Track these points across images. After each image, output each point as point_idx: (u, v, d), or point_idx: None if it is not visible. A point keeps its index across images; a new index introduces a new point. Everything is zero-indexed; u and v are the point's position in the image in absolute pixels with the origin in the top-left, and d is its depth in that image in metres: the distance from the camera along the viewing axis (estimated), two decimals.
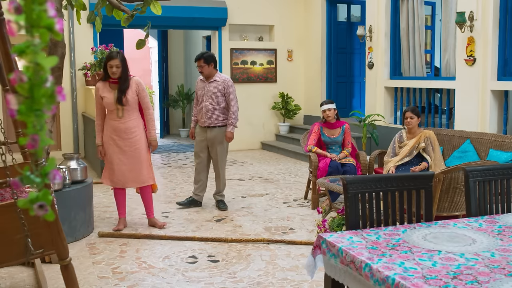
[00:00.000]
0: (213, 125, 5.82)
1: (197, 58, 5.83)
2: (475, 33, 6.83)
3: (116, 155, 5.05)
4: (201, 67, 5.77)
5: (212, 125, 5.82)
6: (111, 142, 5.05)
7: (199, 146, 5.94)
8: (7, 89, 3.22)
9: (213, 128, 5.83)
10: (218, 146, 5.88)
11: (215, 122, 5.82)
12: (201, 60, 5.76)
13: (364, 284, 2.09)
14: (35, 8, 0.91)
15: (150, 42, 14.96)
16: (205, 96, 5.81)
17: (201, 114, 5.84)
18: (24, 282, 3.93)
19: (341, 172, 5.82)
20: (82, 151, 9.81)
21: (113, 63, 4.87)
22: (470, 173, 2.94)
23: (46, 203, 0.99)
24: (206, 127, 5.84)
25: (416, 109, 5.58)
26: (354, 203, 2.64)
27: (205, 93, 5.82)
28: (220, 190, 6.07)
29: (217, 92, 5.78)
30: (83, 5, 4.46)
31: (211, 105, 5.79)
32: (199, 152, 5.96)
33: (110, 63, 4.89)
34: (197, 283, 3.85)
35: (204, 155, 5.96)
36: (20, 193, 3.27)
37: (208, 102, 5.80)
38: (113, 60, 4.88)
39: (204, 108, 5.81)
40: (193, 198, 6.09)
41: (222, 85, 5.80)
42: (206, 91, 5.82)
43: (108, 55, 4.96)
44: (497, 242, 2.31)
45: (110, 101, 4.97)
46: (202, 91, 5.86)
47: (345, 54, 10.71)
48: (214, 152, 5.92)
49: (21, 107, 0.93)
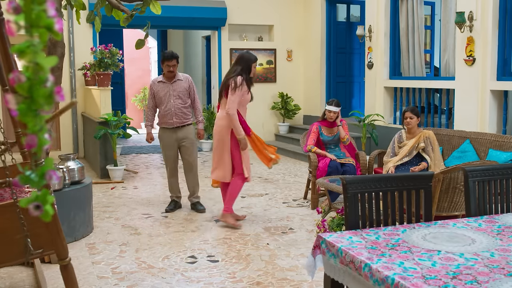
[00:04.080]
0: (183, 124, 5.81)
1: (170, 57, 5.67)
2: (474, 33, 6.83)
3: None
4: (174, 66, 5.69)
5: (183, 124, 5.81)
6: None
7: (170, 148, 5.83)
8: (6, 89, 3.22)
9: (183, 127, 5.81)
10: (191, 145, 5.86)
11: (185, 121, 5.82)
12: (175, 59, 5.69)
13: (363, 284, 2.09)
14: (35, 8, 0.91)
15: (149, 42, 14.96)
16: (172, 96, 5.74)
17: (169, 115, 5.75)
18: (23, 282, 3.93)
19: (340, 172, 5.82)
20: (82, 151, 9.81)
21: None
22: (469, 173, 2.94)
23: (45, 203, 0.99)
24: (176, 127, 5.79)
25: (416, 109, 5.58)
26: (354, 203, 2.64)
27: (171, 94, 5.75)
28: (195, 191, 5.97)
29: (183, 90, 5.78)
30: (83, 5, 4.46)
31: (180, 104, 5.77)
32: (172, 155, 5.87)
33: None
34: (197, 283, 3.85)
35: (175, 157, 5.91)
36: (20, 193, 3.27)
37: (177, 101, 5.75)
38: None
39: (174, 108, 5.74)
40: (176, 201, 6.03)
41: (187, 83, 5.82)
42: (172, 91, 5.75)
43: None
44: (497, 242, 2.31)
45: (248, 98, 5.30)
46: (166, 92, 5.75)
47: (344, 54, 10.71)
48: (186, 152, 5.84)
49: (21, 107, 0.93)
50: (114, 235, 5.06)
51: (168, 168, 5.94)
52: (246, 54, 5.32)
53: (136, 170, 8.56)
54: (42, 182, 0.98)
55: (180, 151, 5.88)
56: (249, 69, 5.21)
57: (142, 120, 15.18)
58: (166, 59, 5.66)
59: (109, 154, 7.81)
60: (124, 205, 6.23)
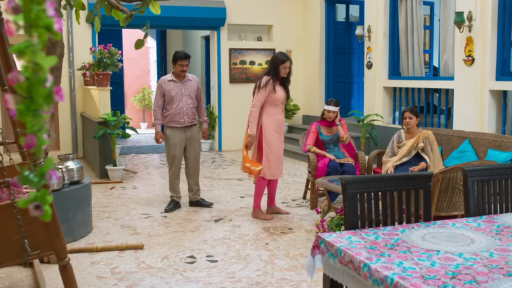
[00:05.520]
0: (192, 124, 5.91)
1: (184, 57, 5.78)
2: (473, 33, 6.83)
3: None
4: (187, 66, 5.80)
5: (192, 123, 5.91)
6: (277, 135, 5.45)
7: (178, 147, 5.87)
8: (5, 89, 3.22)
9: (191, 127, 5.92)
10: (197, 145, 5.99)
11: (193, 120, 5.93)
12: (188, 59, 5.80)
13: (362, 284, 2.09)
14: (34, 8, 0.91)
15: (148, 42, 14.95)
16: (184, 96, 5.83)
17: (180, 115, 5.81)
18: (22, 282, 3.92)
19: (339, 172, 5.82)
20: (81, 151, 9.80)
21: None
22: (468, 173, 2.94)
23: (44, 203, 0.99)
24: (185, 126, 5.87)
25: (415, 109, 5.58)
26: (353, 203, 2.64)
27: (183, 93, 5.83)
28: (199, 190, 6.10)
29: (193, 90, 5.91)
30: (82, 5, 4.46)
31: (191, 104, 5.89)
32: (179, 155, 5.92)
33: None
34: (196, 283, 3.85)
35: (181, 157, 5.97)
36: (17, 194, 3.26)
37: (188, 101, 5.85)
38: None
39: (185, 108, 5.83)
40: (176, 201, 6.04)
41: (195, 84, 5.96)
42: (184, 91, 5.83)
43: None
44: (496, 242, 2.32)
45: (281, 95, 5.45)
46: (178, 91, 5.82)
47: (343, 54, 10.71)
48: (192, 151, 5.95)
49: (20, 107, 0.93)
50: (113, 235, 5.05)
51: (173, 168, 5.94)
52: (275, 55, 5.50)
53: (135, 170, 8.55)
54: (41, 182, 0.98)
55: (185, 150, 5.94)
56: (276, 69, 5.37)
57: (141, 120, 15.17)
58: (180, 59, 5.76)
59: (108, 154, 7.81)
60: (123, 205, 6.22)
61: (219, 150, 10.65)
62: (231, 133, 10.65)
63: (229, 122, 10.66)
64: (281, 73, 5.38)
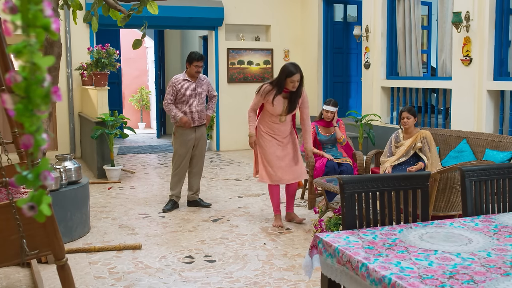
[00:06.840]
0: (201, 124, 5.98)
1: (200, 58, 5.85)
2: (471, 33, 6.84)
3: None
4: (201, 67, 5.87)
5: (201, 123, 5.97)
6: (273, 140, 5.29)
7: (187, 146, 5.91)
8: (3, 89, 3.21)
9: (201, 126, 5.98)
10: (204, 144, 6.06)
11: (202, 120, 5.98)
12: (202, 60, 5.88)
13: (360, 284, 2.09)
14: (31, 8, 0.91)
15: (146, 42, 14.93)
16: (197, 95, 5.88)
17: (192, 114, 5.85)
18: (20, 282, 3.92)
19: (337, 172, 5.83)
20: (78, 151, 9.79)
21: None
22: (466, 173, 2.94)
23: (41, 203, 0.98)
24: (196, 126, 5.92)
25: (413, 109, 5.58)
26: (351, 203, 2.64)
27: (196, 92, 5.87)
28: (199, 189, 6.15)
29: (205, 91, 5.99)
30: (80, 5, 4.45)
31: (203, 104, 5.97)
32: (187, 154, 5.95)
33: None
34: (194, 283, 3.85)
35: (189, 157, 5.99)
36: (15, 193, 3.26)
37: (201, 101, 5.92)
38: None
39: (198, 107, 5.89)
40: (175, 201, 6.05)
41: (206, 84, 6.02)
42: (197, 91, 5.88)
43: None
44: (493, 241, 2.32)
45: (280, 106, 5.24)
46: (192, 91, 5.86)
47: (341, 54, 10.71)
48: (198, 150, 6.01)
49: (17, 107, 0.93)
50: (111, 235, 5.05)
51: (180, 167, 5.96)
52: (285, 66, 5.11)
53: (133, 170, 8.55)
54: (38, 183, 0.98)
55: (192, 150, 5.97)
56: (281, 81, 5.06)
57: (139, 120, 15.17)
58: (196, 60, 5.83)
59: (106, 154, 7.80)
60: (121, 205, 6.22)
61: (217, 150, 10.65)
62: (229, 133, 10.65)
63: (227, 122, 10.65)
64: (287, 87, 5.06)
